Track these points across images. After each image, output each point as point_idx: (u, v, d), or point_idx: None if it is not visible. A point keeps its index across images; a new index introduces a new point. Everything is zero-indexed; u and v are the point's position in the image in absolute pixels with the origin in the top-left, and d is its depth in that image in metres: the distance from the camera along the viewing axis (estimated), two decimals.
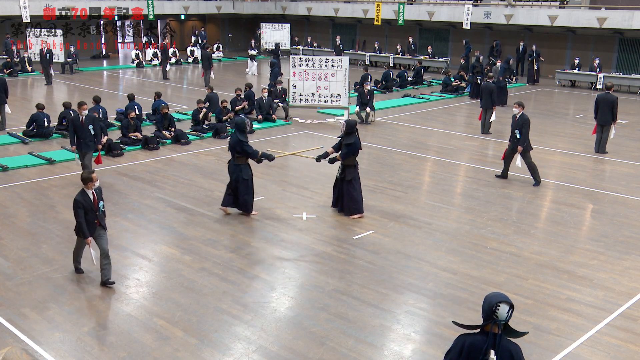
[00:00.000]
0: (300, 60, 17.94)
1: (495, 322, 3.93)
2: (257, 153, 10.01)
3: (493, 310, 3.92)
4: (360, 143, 10.27)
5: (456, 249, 9.09)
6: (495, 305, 3.91)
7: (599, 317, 7.22)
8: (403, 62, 30.40)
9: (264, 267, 8.41)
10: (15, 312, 7.09)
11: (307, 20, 37.67)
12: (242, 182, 10.05)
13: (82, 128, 11.32)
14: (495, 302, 3.93)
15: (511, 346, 4.06)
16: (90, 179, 7.47)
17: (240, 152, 9.96)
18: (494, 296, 4.01)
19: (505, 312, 3.92)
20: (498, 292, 4.10)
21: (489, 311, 3.96)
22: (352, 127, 10.15)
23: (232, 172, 10.10)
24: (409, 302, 7.51)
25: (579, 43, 27.89)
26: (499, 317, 3.92)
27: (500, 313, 3.91)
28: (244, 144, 9.92)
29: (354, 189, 10.24)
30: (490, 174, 12.93)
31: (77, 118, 11.45)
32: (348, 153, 10.08)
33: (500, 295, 3.99)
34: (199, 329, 6.79)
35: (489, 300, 4.00)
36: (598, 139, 14.94)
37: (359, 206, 10.29)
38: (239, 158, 10.04)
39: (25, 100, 20.81)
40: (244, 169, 10.06)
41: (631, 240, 9.54)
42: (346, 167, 10.19)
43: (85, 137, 11.35)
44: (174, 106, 19.24)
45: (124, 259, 8.57)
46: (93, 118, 11.56)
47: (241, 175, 10.01)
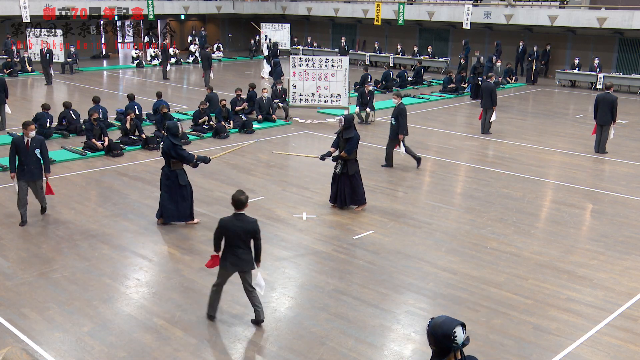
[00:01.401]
0: (300, 60, 17.93)
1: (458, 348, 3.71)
2: (192, 157, 9.60)
3: (452, 339, 3.67)
4: (359, 135, 10.40)
5: (456, 249, 9.09)
6: (453, 333, 3.67)
7: (599, 317, 7.22)
8: (403, 62, 30.41)
9: (264, 267, 8.40)
10: (15, 312, 7.09)
11: (307, 20, 37.66)
12: (179, 188, 9.61)
13: (26, 152, 9.50)
14: (452, 330, 3.67)
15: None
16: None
17: (175, 156, 9.51)
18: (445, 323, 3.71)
19: (462, 334, 3.70)
20: (443, 317, 3.78)
21: (447, 341, 3.68)
22: (350, 122, 10.25)
23: (166, 179, 9.61)
24: (409, 302, 7.51)
25: (579, 43, 27.89)
26: (458, 342, 3.68)
27: (459, 338, 3.69)
28: (178, 148, 9.48)
29: (357, 181, 10.36)
30: (491, 174, 12.93)
31: (20, 140, 9.55)
32: (352, 147, 10.16)
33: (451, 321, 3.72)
34: (199, 329, 6.79)
35: (442, 329, 3.69)
36: (598, 139, 14.94)
37: (362, 197, 10.47)
38: (175, 164, 9.57)
39: (25, 100, 20.82)
40: (180, 175, 9.62)
41: (631, 240, 9.54)
42: (348, 162, 10.25)
43: (30, 163, 9.53)
44: (174, 106, 19.23)
45: (124, 259, 8.58)
46: (41, 141, 9.75)
47: (178, 182, 9.58)
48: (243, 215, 6.64)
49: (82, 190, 11.55)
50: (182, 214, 9.78)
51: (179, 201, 9.69)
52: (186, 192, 9.73)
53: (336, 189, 10.54)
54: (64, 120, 15.81)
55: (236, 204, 6.64)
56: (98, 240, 9.18)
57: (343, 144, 10.23)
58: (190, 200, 9.81)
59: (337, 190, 10.53)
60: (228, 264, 6.72)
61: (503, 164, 13.75)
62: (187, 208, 9.78)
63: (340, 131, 10.27)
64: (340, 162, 10.33)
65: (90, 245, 9.00)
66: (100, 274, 8.09)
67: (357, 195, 10.44)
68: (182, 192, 9.68)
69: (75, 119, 15.89)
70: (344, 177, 10.35)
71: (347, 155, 10.20)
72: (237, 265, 6.70)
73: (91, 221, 9.92)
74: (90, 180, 12.13)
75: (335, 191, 10.56)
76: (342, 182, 10.41)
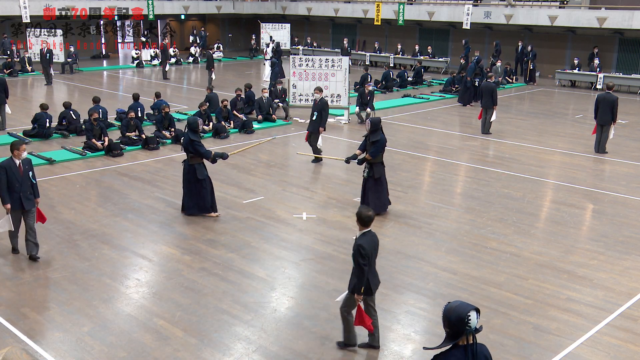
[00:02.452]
0: (300, 60, 17.93)
1: (470, 332, 3.82)
2: (209, 153, 9.91)
3: (466, 322, 3.79)
4: (386, 139, 10.26)
5: (456, 249, 9.09)
6: (467, 316, 3.79)
7: (599, 317, 7.22)
8: (403, 62, 30.42)
9: (264, 267, 8.41)
10: (15, 312, 7.09)
11: (307, 20, 37.66)
12: (197, 182, 9.94)
13: (20, 177, 8.10)
14: (466, 313, 3.79)
15: (483, 349, 3.97)
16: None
17: (193, 152, 9.84)
18: (461, 307, 3.84)
19: (476, 319, 3.82)
20: (458, 301, 3.93)
21: (460, 324, 3.80)
22: (377, 124, 10.09)
23: (186, 172, 10.00)
24: (409, 302, 7.51)
25: (579, 43, 27.89)
26: (472, 326, 3.81)
27: (473, 322, 3.80)
28: (196, 144, 9.79)
29: (382, 186, 10.28)
30: (491, 174, 12.93)
31: (11, 164, 8.10)
32: (377, 151, 10.04)
33: (466, 305, 3.85)
34: (199, 329, 6.79)
35: (458, 312, 3.82)
36: (598, 139, 14.94)
37: (385, 204, 10.38)
38: (192, 158, 9.93)
39: (25, 101, 20.82)
40: (198, 169, 9.94)
41: (631, 240, 9.54)
42: (374, 165, 10.14)
43: (26, 190, 8.18)
44: (174, 106, 19.23)
45: (124, 259, 8.57)
46: (29, 161, 8.38)
47: (195, 176, 9.91)
48: (371, 231, 6.22)
49: (82, 190, 11.56)
50: (200, 206, 10.05)
51: (196, 194, 9.99)
52: (204, 185, 9.99)
53: (364, 192, 10.43)
54: (64, 120, 15.81)
55: (366, 221, 6.13)
56: (98, 240, 9.18)
57: (369, 147, 10.10)
58: (208, 193, 10.05)
59: (364, 194, 10.41)
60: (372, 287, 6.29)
61: (503, 164, 13.75)
62: (204, 201, 10.03)
63: (368, 134, 10.16)
64: (367, 166, 10.25)
65: (90, 245, 9.00)
66: (100, 274, 8.09)
67: (380, 201, 10.27)
68: (200, 186, 9.96)
69: (75, 119, 15.89)
70: (370, 181, 10.22)
71: (372, 158, 10.05)
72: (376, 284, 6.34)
73: (91, 221, 9.92)
74: (90, 180, 12.13)
75: (363, 194, 10.44)
76: (368, 186, 10.28)
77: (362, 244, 6.00)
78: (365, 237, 6.09)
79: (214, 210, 10.17)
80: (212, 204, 10.16)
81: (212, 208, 10.15)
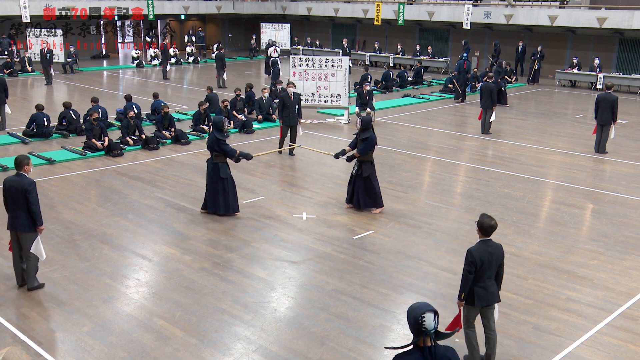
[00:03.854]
0: (300, 60, 17.93)
1: (427, 334, 3.82)
2: (234, 152, 9.98)
3: (420, 323, 3.79)
4: (376, 138, 10.37)
5: (456, 249, 9.09)
6: (421, 317, 3.79)
7: (599, 317, 7.22)
8: (403, 62, 30.41)
9: (264, 267, 8.41)
10: (15, 312, 7.09)
11: (307, 20, 37.65)
12: (220, 181, 10.02)
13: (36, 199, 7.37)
14: (420, 314, 3.79)
15: (448, 352, 3.93)
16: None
17: (218, 150, 9.94)
18: (417, 308, 3.85)
19: (432, 320, 3.80)
20: (420, 302, 3.93)
21: (416, 325, 3.82)
22: (368, 123, 10.22)
23: (210, 170, 10.08)
24: (409, 302, 7.45)
25: (579, 43, 27.89)
26: (427, 327, 3.79)
27: (428, 323, 3.79)
28: (221, 143, 9.89)
29: (372, 184, 10.32)
30: (491, 174, 12.93)
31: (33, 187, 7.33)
32: (365, 148, 10.13)
33: (423, 306, 3.85)
34: (199, 329, 6.79)
35: (414, 313, 3.84)
36: (598, 138, 14.93)
37: (377, 200, 10.42)
38: (217, 157, 10.01)
39: (25, 101, 20.81)
40: (221, 168, 10.02)
41: (631, 240, 9.54)
42: (363, 163, 10.23)
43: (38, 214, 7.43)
44: (174, 106, 19.24)
45: (124, 259, 8.57)
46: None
47: (219, 174, 9.99)
48: (491, 241, 5.95)
49: (82, 190, 11.56)
50: (225, 205, 10.12)
51: (220, 192, 10.07)
52: (227, 184, 10.07)
53: (352, 190, 10.53)
54: (64, 120, 15.81)
55: (487, 230, 5.89)
56: (98, 240, 9.18)
57: (359, 144, 10.22)
58: (231, 192, 10.13)
59: (352, 192, 10.52)
60: (476, 299, 5.96)
61: (503, 164, 13.75)
62: (228, 200, 10.11)
63: (358, 132, 10.25)
64: (357, 164, 10.33)
65: (90, 245, 8.99)
66: (100, 274, 8.09)
67: (370, 198, 10.38)
68: (223, 184, 10.04)
69: (75, 119, 15.89)
70: (359, 179, 10.33)
71: (360, 155, 10.18)
72: (485, 299, 5.97)
73: (91, 221, 9.92)
74: (90, 180, 12.13)
75: (351, 192, 10.55)
76: (357, 184, 10.39)
77: (471, 251, 5.88)
78: (479, 246, 5.91)
79: (236, 210, 10.22)
80: (235, 204, 10.22)
81: (235, 207, 10.21)
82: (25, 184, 7.24)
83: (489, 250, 5.88)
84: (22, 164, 7.35)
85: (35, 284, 7.55)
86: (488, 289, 5.95)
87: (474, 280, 5.92)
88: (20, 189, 7.23)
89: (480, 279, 5.90)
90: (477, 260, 5.82)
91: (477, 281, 5.92)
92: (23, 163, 7.36)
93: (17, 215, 7.33)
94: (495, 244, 5.97)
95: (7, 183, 7.36)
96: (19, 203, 7.27)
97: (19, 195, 7.24)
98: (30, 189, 7.24)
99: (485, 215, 5.95)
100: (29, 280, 7.52)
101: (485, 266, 5.87)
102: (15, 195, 7.27)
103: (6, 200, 7.40)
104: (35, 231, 7.38)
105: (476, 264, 5.83)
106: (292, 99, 13.97)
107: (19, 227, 7.36)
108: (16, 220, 7.36)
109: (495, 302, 6.05)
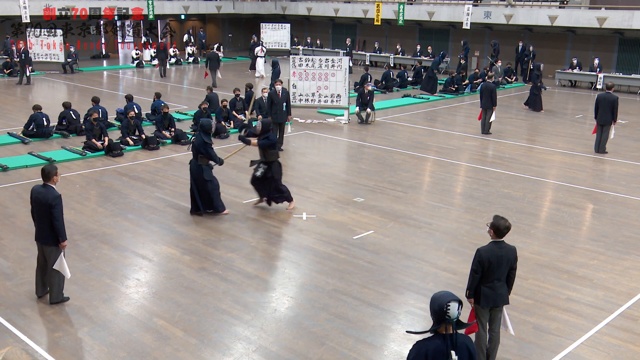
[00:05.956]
0: (300, 60, 17.93)
1: (450, 322, 3.97)
2: (219, 158, 10.16)
3: (445, 311, 3.95)
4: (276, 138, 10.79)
5: (456, 249, 9.09)
6: (446, 306, 3.94)
7: (599, 317, 7.22)
8: (403, 62, 30.40)
9: (264, 267, 8.41)
10: (15, 312, 7.09)
11: (307, 20, 37.66)
12: (204, 182, 10.05)
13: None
14: (445, 303, 3.95)
15: (466, 340, 4.12)
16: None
17: (204, 154, 9.99)
18: (442, 296, 4.01)
19: (456, 309, 3.96)
20: (444, 291, 4.09)
21: (440, 312, 3.98)
22: (268, 126, 10.37)
23: (194, 172, 10.09)
24: (409, 302, 7.51)
25: (579, 43, 27.89)
26: (451, 316, 3.95)
27: (452, 312, 3.95)
28: (208, 146, 9.96)
29: (279, 182, 10.47)
30: (491, 174, 12.93)
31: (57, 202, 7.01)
32: (264, 143, 10.22)
33: (448, 295, 4.01)
34: (199, 329, 6.79)
35: (439, 301, 4.00)
36: (598, 138, 14.93)
37: (288, 195, 10.56)
38: (202, 159, 10.04)
39: (24, 100, 20.81)
40: (205, 170, 10.06)
41: (631, 240, 9.54)
42: (271, 164, 10.33)
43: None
44: (174, 106, 19.24)
45: (124, 259, 8.57)
46: None
47: (203, 176, 10.02)
48: (503, 242, 5.90)
49: (82, 190, 11.55)
50: (210, 205, 10.21)
51: (202, 194, 10.13)
52: (211, 186, 10.13)
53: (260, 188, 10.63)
54: (64, 120, 15.81)
55: (502, 231, 5.82)
56: (98, 240, 9.18)
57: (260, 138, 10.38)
58: (215, 193, 10.17)
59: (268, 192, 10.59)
60: (482, 298, 5.96)
61: (503, 164, 13.76)
62: (211, 200, 10.17)
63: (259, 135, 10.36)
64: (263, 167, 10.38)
65: (90, 245, 9.00)
66: (100, 274, 8.09)
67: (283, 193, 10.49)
68: (206, 186, 10.09)
69: (75, 119, 15.89)
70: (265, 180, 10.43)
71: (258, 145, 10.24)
72: (492, 299, 5.95)
73: (91, 221, 9.92)
74: (90, 180, 12.13)
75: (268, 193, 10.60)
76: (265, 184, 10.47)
77: (480, 251, 5.88)
78: (490, 246, 5.88)
79: (223, 209, 10.30)
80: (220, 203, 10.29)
81: (221, 207, 10.27)
82: (50, 198, 6.88)
83: (499, 253, 5.85)
84: (50, 174, 6.95)
85: (59, 298, 7.31)
86: (496, 290, 5.93)
87: (482, 280, 5.92)
88: (45, 202, 6.91)
89: (487, 280, 5.90)
90: (484, 260, 5.82)
91: (485, 281, 5.92)
92: (51, 174, 6.96)
93: (42, 228, 7.11)
94: (508, 247, 5.93)
95: (34, 194, 7.11)
96: (43, 216, 7.02)
97: (44, 208, 6.96)
98: (54, 204, 6.89)
99: (499, 217, 5.90)
100: (51, 294, 7.29)
101: (493, 267, 5.84)
102: (40, 208, 7.02)
103: (33, 211, 7.23)
104: (58, 246, 7.13)
105: (483, 264, 5.83)
106: (280, 96, 14.17)
107: (42, 240, 7.17)
108: (41, 233, 7.15)
109: (503, 304, 6.04)
